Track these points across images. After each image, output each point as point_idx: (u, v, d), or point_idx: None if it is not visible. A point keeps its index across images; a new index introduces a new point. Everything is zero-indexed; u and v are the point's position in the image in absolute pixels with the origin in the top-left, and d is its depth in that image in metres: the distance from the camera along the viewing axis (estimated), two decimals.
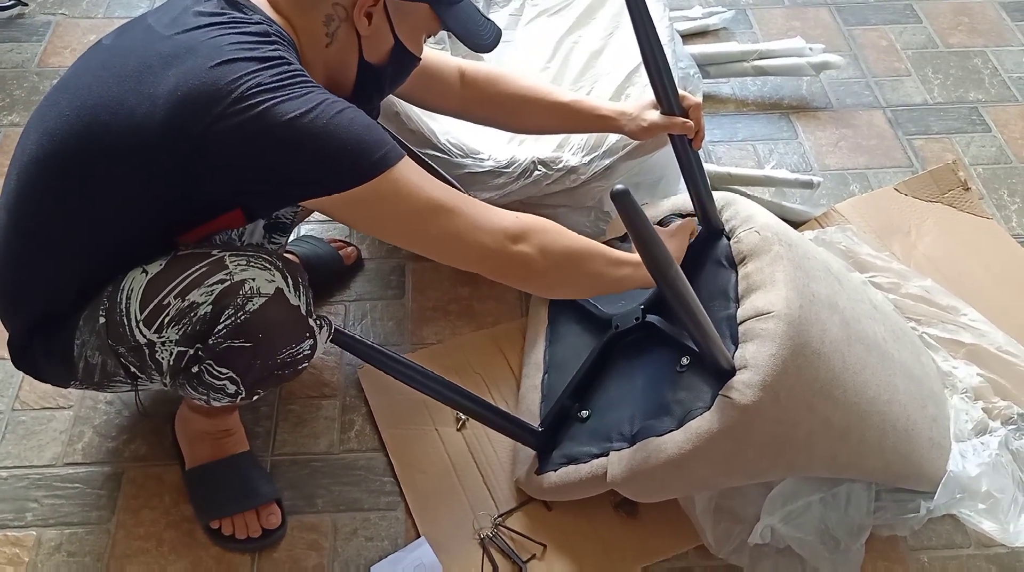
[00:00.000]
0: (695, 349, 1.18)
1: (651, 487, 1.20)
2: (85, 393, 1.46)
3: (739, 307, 1.19)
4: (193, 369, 1.05)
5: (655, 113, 1.33)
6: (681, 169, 1.36)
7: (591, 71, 1.77)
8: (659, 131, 1.34)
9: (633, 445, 1.19)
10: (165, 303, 1.02)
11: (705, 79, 2.04)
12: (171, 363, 1.04)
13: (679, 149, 1.34)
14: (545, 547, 1.30)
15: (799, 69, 2.08)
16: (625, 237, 1.54)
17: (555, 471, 1.29)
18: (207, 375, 1.05)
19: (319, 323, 1.10)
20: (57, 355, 1.12)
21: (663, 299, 1.09)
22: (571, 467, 1.27)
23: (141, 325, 1.03)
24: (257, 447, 1.40)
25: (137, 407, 1.45)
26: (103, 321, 1.06)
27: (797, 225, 1.74)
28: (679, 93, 1.32)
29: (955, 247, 1.71)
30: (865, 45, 2.26)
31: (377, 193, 1.02)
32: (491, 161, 1.54)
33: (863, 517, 1.26)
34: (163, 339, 1.03)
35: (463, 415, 1.43)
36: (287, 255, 1.55)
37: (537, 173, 1.52)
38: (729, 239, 1.30)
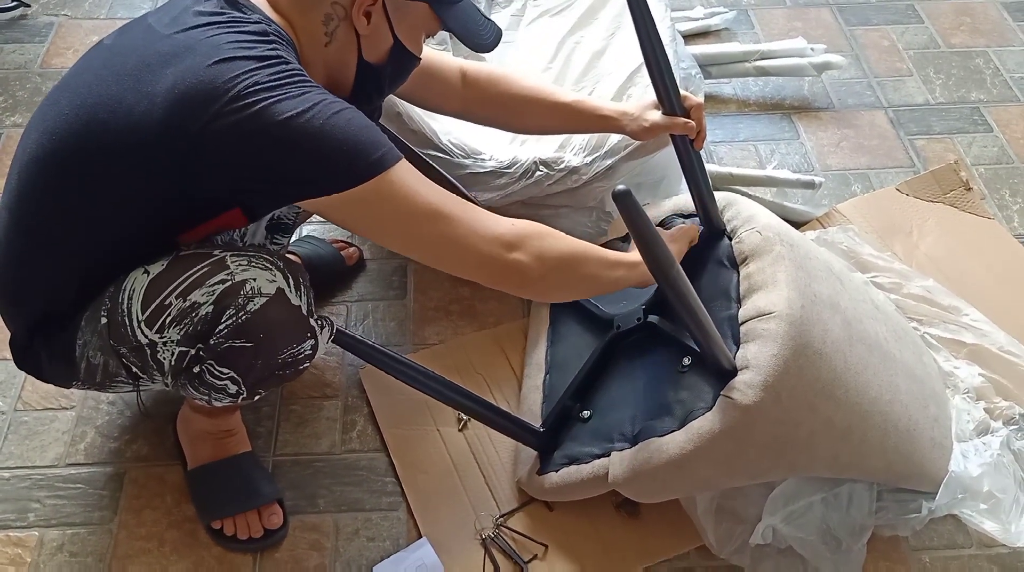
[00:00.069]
0: (697, 349, 1.18)
1: (652, 487, 1.20)
2: (87, 393, 1.47)
3: (741, 307, 1.19)
4: (194, 369, 1.05)
5: (657, 113, 1.33)
6: (683, 169, 1.36)
7: (593, 71, 1.77)
8: (661, 131, 1.34)
9: (635, 445, 1.19)
10: (166, 303, 1.02)
11: (707, 79, 2.04)
12: (172, 363, 1.04)
13: (681, 149, 1.34)
14: (547, 547, 1.30)
15: (801, 69, 2.08)
16: (627, 237, 1.54)
17: (556, 471, 1.29)
18: (208, 375, 1.05)
19: (320, 323, 1.10)
20: (59, 355, 1.12)
21: (665, 299, 1.09)
22: (572, 467, 1.27)
23: (143, 325, 1.03)
24: (259, 447, 1.41)
25: (139, 407, 1.45)
26: (105, 321, 1.06)
27: (799, 225, 1.74)
28: (681, 93, 1.32)
29: (957, 247, 1.70)
30: (867, 45, 2.25)
31: (373, 194, 1.01)
32: (493, 161, 1.54)
33: (865, 517, 1.26)
34: (164, 339, 1.03)
35: (465, 415, 1.43)
36: (289, 255, 1.56)
37: (539, 173, 1.52)
38: (731, 239, 1.30)
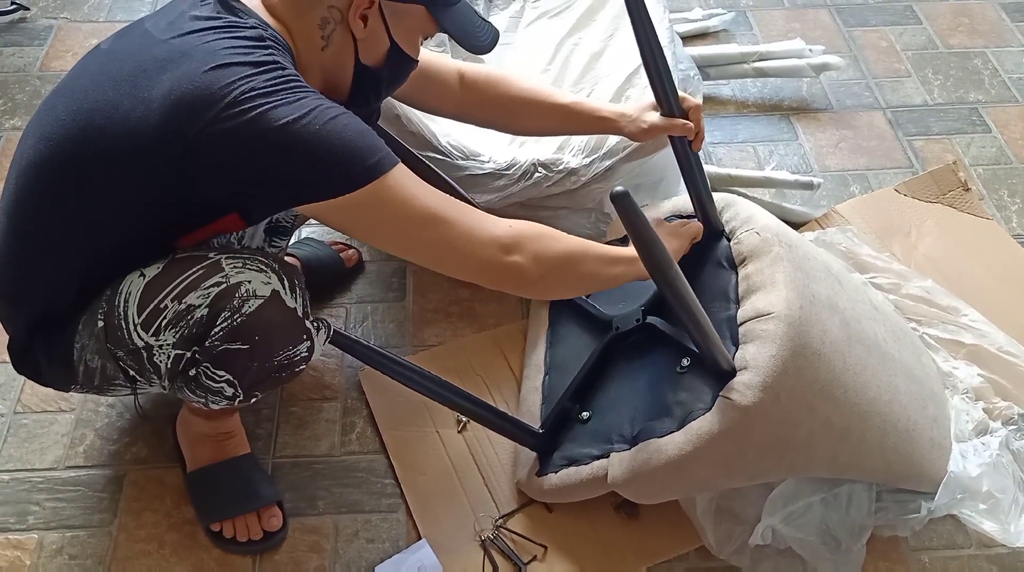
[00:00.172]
0: (695, 350, 1.18)
1: (652, 488, 1.20)
2: (86, 396, 1.46)
3: (739, 308, 1.19)
4: (191, 372, 1.05)
5: (655, 115, 1.34)
6: (681, 171, 1.36)
7: (591, 73, 1.77)
8: (659, 133, 1.34)
9: (634, 446, 1.19)
10: (162, 306, 1.02)
11: (705, 81, 2.04)
12: (169, 366, 1.04)
13: (679, 151, 1.34)
14: (546, 548, 1.30)
15: (799, 70, 2.08)
16: (625, 239, 1.54)
17: (556, 473, 1.29)
18: (205, 378, 1.05)
19: (316, 325, 1.10)
20: (57, 359, 1.13)
21: (663, 300, 1.09)
22: (572, 469, 1.27)
23: (139, 328, 1.03)
24: (258, 449, 1.41)
25: (136, 410, 1.45)
26: (102, 325, 1.06)
27: (797, 226, 1.74)
28: (679, 95, 1.32)
29: (955, 248, 1.70)
30: (865, 46, 2.26)
31: (370, 199, 1.02)
32: (491, 163, 1.54)
33: (864, 518, 1.26)
34: (160, 342, 1.03)
35: (464, 417, 1.43)
36: (288, 258, 1.56)
37: (538, 175, 1.52)
38: (729, 240, 1.30)
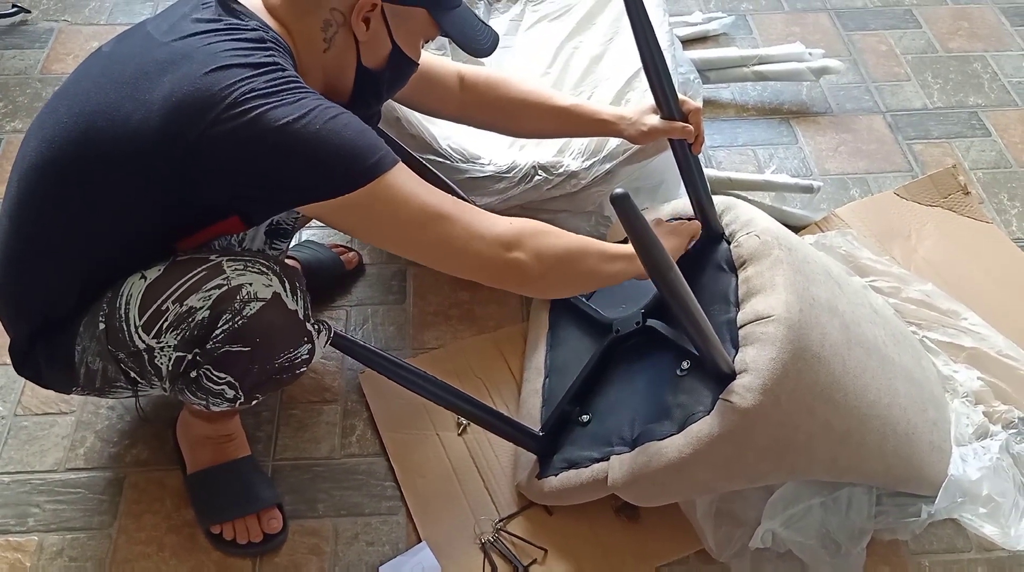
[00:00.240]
0: (695, 353, 1.18)
1: (652, 491, 1.20)
2: (87, 398, 1.46)
3: (739, 311, 1.19)
4: (192, 374, 1.05)
5: (655, 118, 1.34)
6: (681, 174, 1.36)
7: (591, 76, 1.77)
8: (659, 135, 1.34)
9: (634, 449, 1.19)
10: (163, 308, 1.02)
11: (705, 84, 2.05)
12: (170, 368, 1.04)
13: (679, 154, 1.34)
14: (546, 551, 1.30)
15: (799, 74, 2.08)
16: (625, 241, 1.54)
17: (556, 475, 1.29)
18: (205, 380, 1.05)
19: (317, 327, 1.11)
20: (58, 361, 1.13)
21: (663, 303, 1.09)
22: (572, 471, 1.27)
23: (140, 330, 1.03)
24: (258, 452, 1.41)
25: (137, 412, 1.45)
26: (103, 327, 1.06)
27: (797, 229, 1.74)
28: (679, 98, 1.32)
29: (955, 251, 1.71)
30: (865, 50, 2.26)
31: (371, 199, 1.02)
32: (492, 166, 1.54)
33: (864, 521, 1.26)
34: (162, 344, 1.03)
35: (464, 419, 1.43)
36: (288, 260, 1.56)
37: (538, 178, 1.52)
38: (729, 243, 1.30)
